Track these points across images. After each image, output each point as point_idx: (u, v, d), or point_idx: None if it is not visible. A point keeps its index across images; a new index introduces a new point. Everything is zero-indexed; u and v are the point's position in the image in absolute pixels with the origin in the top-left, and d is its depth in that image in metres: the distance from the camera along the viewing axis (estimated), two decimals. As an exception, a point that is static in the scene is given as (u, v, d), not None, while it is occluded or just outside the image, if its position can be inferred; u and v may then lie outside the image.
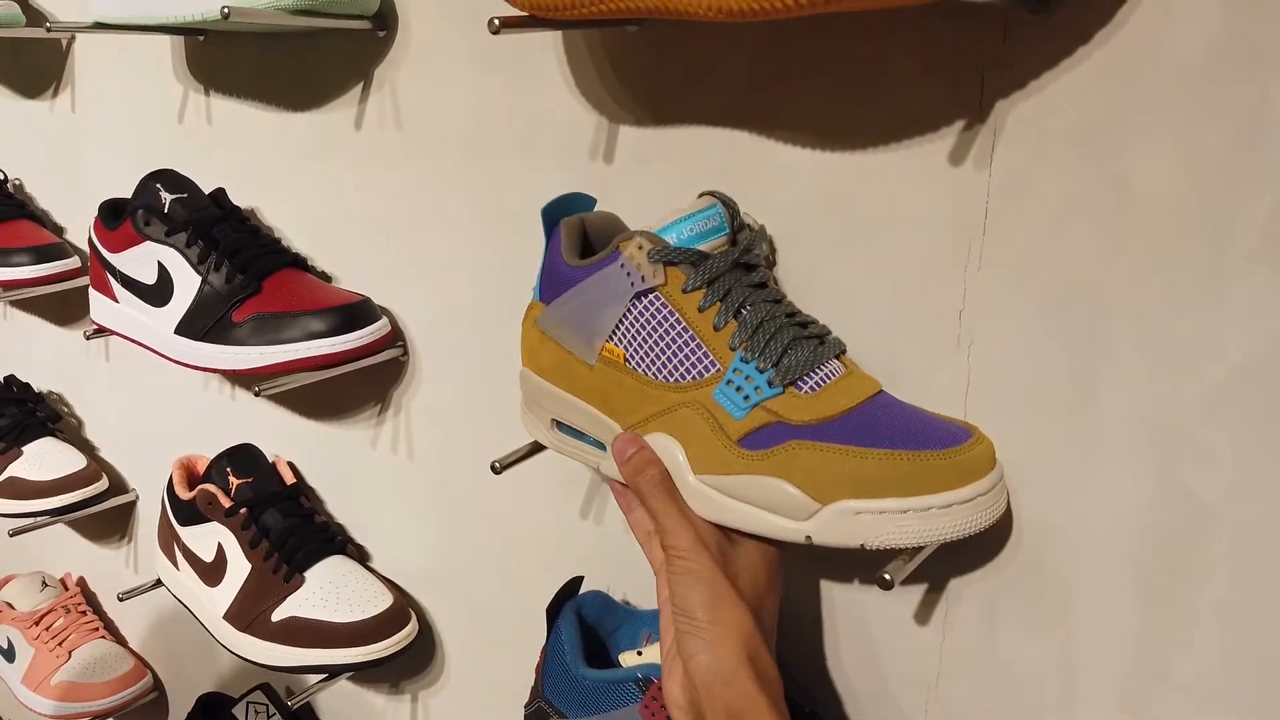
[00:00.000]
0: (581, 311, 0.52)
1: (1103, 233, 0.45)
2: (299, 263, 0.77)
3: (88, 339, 0.82)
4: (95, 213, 0.82)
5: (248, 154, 0.84)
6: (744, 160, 0.56)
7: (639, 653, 0.61)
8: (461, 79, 0.68)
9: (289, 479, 0.84)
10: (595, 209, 0.57)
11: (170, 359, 0.74)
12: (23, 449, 1.05)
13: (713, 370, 0.49)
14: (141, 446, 1.06)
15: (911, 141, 0.50)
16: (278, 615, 0.77)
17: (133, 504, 1.08)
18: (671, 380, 0.50)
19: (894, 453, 0.45)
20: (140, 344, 0.77)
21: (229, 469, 0.82)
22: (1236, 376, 0.43)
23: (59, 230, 1.06)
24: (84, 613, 1.15)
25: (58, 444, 1.07)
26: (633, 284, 0.50)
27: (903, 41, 0.49)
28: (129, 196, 0.82)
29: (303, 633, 0.75)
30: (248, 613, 0.78)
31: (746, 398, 0.48)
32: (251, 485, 0.82)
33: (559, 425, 0.56)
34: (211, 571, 0.81)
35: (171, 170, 0.78)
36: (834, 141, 0.53)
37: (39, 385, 1.14)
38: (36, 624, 1.12)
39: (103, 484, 1.05)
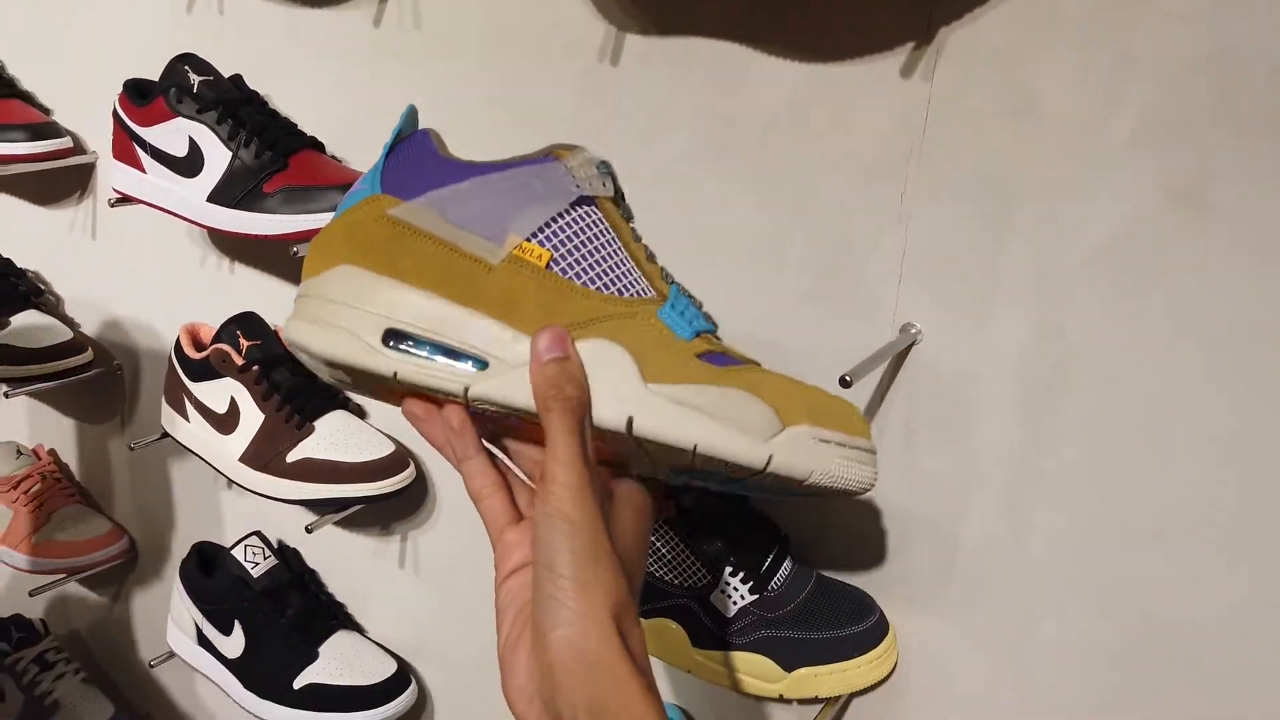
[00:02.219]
0: (489, 206, 0.48)
1: (1013, 133, 0.60)
2: (316, 145, 0.86)
3: (111, 206, 0.89)
4: (97, 94, 0.88)
5: (260, 44, 0.92)
6: (732, 69, 0.69)
7: None
8: (481, -13, 0.78)
9: (291, 344, 0.93)
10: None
11: (201, 224, 0.83)
12: (10, 320, 1.11)
13: (650, 294, 0.49)
14: (129, 321, 1.13)
15: (871, 58, 0.64)
16: (292, 457, 0.87)
17: (118, 373, 1.16)
18: (609, 292, 0.48)
19: (832, 395, 0.49)
20: (167, 210, 0.85)
21: (239, 332, 0.91)
22: (1103, 245, 0.59)
23: (46, 111, 1.11)
24: (59, 479, 1.22)
25: (42, 316, 1.13)
26: (578, 186, 0.49)
27: (869, -23, 0.63)
28: (141, 78, 0.89)
29: (316, 471, 0.86)
30: (263, 455, 0.88)
31: (690, 323, 0.49)
32: (260, 347, 0.91)
33: (395, 338, 0.46)
34: (225, 421, 0.90)
35: (195, 55, 0.86)
36: (807, 56, 0.66)
37: (20, 263, 1.19)
38: (15, 488, 1.18)
39: (88, 354, 1.12)
